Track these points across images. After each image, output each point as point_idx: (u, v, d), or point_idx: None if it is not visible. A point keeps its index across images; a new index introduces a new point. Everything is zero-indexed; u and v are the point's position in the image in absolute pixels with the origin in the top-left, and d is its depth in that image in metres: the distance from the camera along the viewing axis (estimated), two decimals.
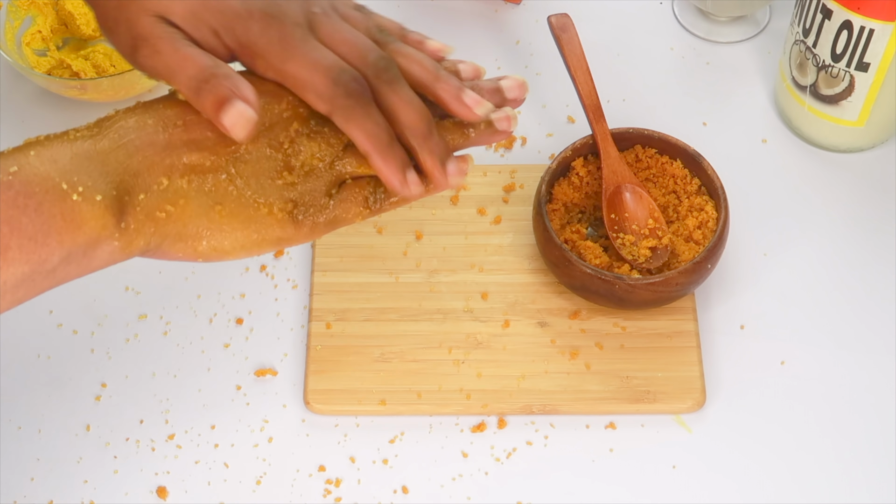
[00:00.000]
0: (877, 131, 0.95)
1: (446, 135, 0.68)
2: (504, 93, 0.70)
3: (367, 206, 0.68)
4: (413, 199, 0.68)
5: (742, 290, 0.90)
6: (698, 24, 1.04)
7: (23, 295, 0.61)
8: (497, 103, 0.70)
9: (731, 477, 0.82)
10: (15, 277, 0.59)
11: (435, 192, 0.68)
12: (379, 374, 0.85)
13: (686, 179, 0.89)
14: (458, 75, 0.71)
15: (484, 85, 0.70)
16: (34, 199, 0.59)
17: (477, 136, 0.69)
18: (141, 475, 0.83)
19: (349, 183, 0.67)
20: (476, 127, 0.69)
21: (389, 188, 0.66)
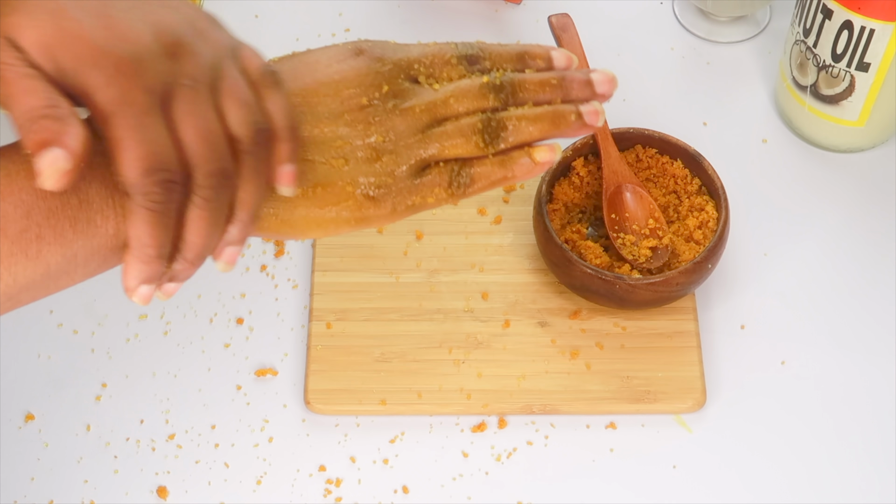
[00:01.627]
0: (877, 131, 0.95)
1: (535, 123, 0.66)
2: (595, 86, 0.69)
3: (449, 190, 0.66)
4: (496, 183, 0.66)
5: (742, 290, 0.90)
6: (699, 24, 1.04)
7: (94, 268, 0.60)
8: (586, 96, 0.68)
9: (731, 477, 0.82)
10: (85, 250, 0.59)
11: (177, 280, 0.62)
12: (379, 374, 0.85)
13: (686, 179, 0.89)
14: (549, 62, 0.69)
15: (575, 76, 0.68)
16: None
17: (566, 128, 0.67)
18: (141, 475, 0.83)
19: (433, 166, 0.65)
20: (566, 118, 0.67)
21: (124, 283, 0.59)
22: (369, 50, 0.66)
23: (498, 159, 0.66)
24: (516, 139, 0.66)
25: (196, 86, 0.58)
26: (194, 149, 0.57)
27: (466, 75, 0.67)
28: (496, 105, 0.66)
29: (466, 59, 0.67)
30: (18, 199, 0.57)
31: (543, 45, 0.70)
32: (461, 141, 0.65)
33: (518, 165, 0.66)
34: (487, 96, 0.66)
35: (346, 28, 1.05)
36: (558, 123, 0.67)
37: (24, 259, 0.57)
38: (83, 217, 0.58)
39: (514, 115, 0.66)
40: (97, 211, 0.58)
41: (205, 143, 0.57)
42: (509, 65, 0.68)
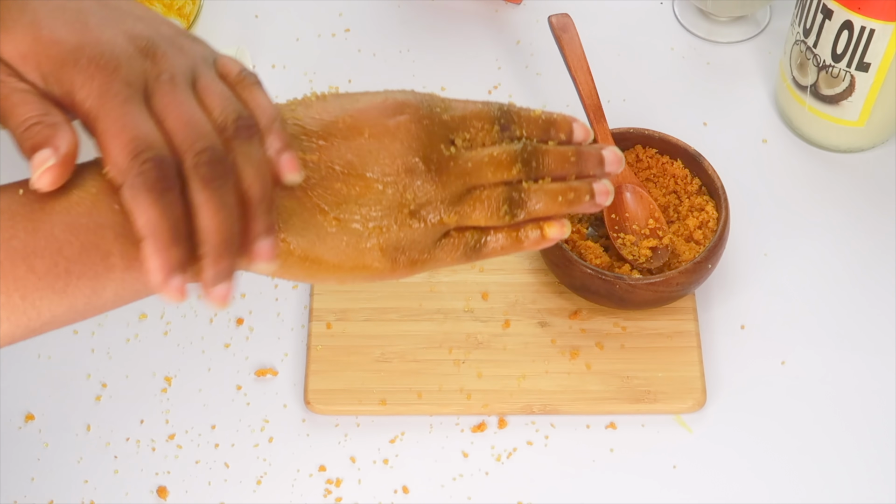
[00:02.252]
0: (877, 131, 0.95)
1: (554, 201, 0.67)
2: (605, 165, 0.70)
3: (464, 256, 0.67)
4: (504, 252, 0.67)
5: (742, 290, 0.90)
6: (699, 24, 1.04)
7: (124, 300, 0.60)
8: (598, 174, 0.69)
9: (731, 477, 0.82)
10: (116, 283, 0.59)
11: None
12: (379, 374, 0.85)
13: (686, 179, 0.89)
14: (571, 135, 0.69)
15: (591, 153, 0.69)
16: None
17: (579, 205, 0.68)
18: (141, 475, 0.83)
19: (453, 233, 0.66)
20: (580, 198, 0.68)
21: (150, 282, 0.58)
22: (415, 108, 0.65)
23: (513, 232, 0.67)
24: (534, 213, 0.67)
25: (174, 80, 0.59)
26: (180, 133, 0.58)
27: (498, 141, 0.67)
28: (519, 177, 0.67)
29: (500, 125, 0.68)
30: (50, 235, 0.57)
31: (566, 116, 0.70)
32: (487, 213, 0.66)
33: (529, 240, 0.68)
34: (514, 168, 0.67)
35: (346, 28, 1.05)
36: (573, 202, 0.68)
37: (51, 294, 0.57)
38: (117, 250, 0.58)
39: (537, 190, 0.67)
40: (134, 243, 0.58)
41: (188, 127, 0.58)
42: (536, 133, 0.69)
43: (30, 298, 0.57)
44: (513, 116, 0.68)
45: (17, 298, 0.57)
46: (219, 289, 0.59)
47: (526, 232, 0.67)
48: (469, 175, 0.65)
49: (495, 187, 0.66)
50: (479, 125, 0.67)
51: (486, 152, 0.66)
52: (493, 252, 0.67)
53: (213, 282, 0.59)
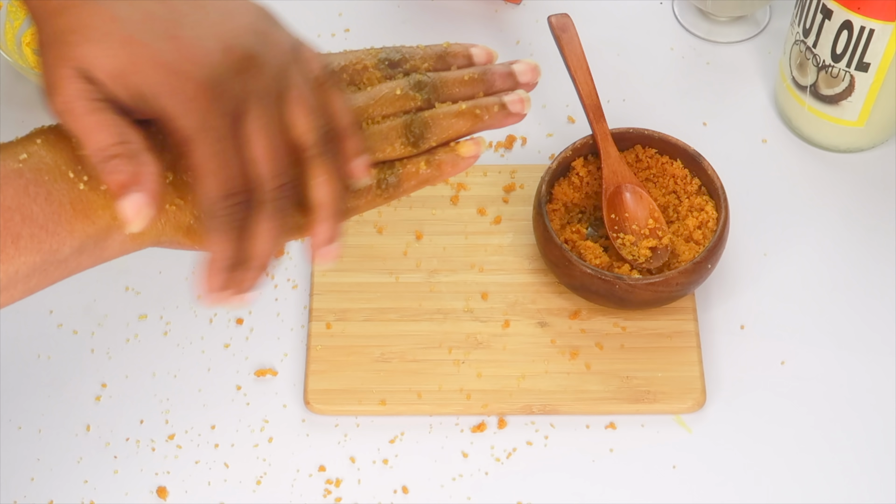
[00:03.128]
0: (877, 131, 0.95)
1: (458, 118, 0.67)
2: (517, 77, 0.70)
3: (378, 192, 0.67)
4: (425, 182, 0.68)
5: (742, 290, 0.90)
6: (698, 24, 1.04)
7: (35, 284, 0.60)
8: (510, 87, 0.69)
9: (731, 477, 0.82)
10: (27, 266, 0.59)
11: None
12: (379, 374, 0.85)
13: (686, 179, 0.89)
14: (470, 59, 0.70)
15: (496, 69, 0.69)
16: (44, 188, 0.59)
17: (490, 119, 0.68)
18: (141, 475, 0.83)
19: None
20: (489, 110, 0.68)
21: (202, 291, 0.62)
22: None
23: (424, 158, 0.67)
24: (441, 136, 0.67)
25: (265, 100, 0.60)
26: (264, 164, 0.60)
27: (388, 78, 0.68)
28: (420, 105, 0.67)
29: (388, 64, 0.68)
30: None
31: (463, 44, 0.71)
32: (386, 142, 0.66)
33: (444, 162, 0.68)
34: (409, 97, 0.67)
35: (345, 28, 1.05)
36: (481, 115, 0.68)
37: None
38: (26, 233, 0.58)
39: (436, 112, 0.67)
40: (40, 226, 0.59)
41: (274, 161, 0.60)
42: (430, 65, 0.69)
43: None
44: (401, 54, 0.68)
45: None
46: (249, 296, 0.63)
47: (437, 156, 0.67)
48: (360, 112, 0.66)
49: (393, 118, 0.67)
50: (360, 67, 0.68)
51: (374, 89, 0.67)
52: (412, 184, 0.67)
53: (243, 289, 0.63)
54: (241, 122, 0.60)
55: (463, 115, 0.68)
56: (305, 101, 0.62)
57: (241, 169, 0.60)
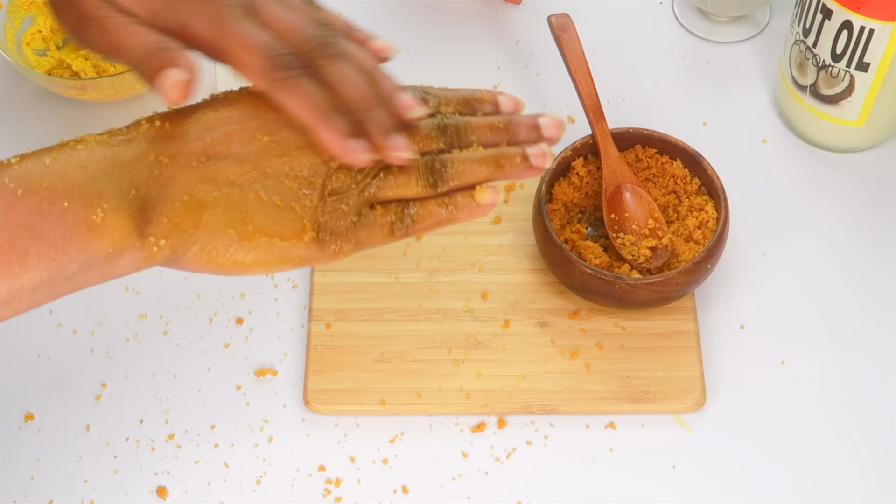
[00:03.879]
0: (877, 131, 0.95)
1: (480, 165, 0.67)
2: (542, 130, 0.70)
3: (392, 232, 0.67)
4: (439, 224, 0.67)
5: (742, 290, 0.90)
6: (698, 24, 1.04)
7: (40, 299, 0.61)
8: (533, 139, 0.69)
9: (730, 477, 0.82)
10: (32, 282, 0.59)
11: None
12: (379, 374, 0.85)
13: (686, 179, 0.89)
14: (497, 107, 0.70)
15: (522, 120, 0.69)
16: (58, 206, 0.59)
17: (510, 169, 0.68)
18: (141, 475, 0.83)
19: (376, 207, 0.66)
20: (511, 160, 0.68)
21: (333, 154, 0.64)
22: None
23: (441, 201, 0.67)
24: (461, 180, 0.67)
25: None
26: (292, 30, 0.64)
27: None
28: (442, 147, 0.67)
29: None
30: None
31: (491, 91, 0.71)
32: (405, 181, 0.66)
33: (460, 206, 0.67)
34: (433, 138, 0.67)
35: None
36: (503, 165, 0.68)
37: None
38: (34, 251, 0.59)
39: (459, 157, 0.67)
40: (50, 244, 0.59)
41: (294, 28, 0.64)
42: (457, 108, 0.69)
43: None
44: (426, 93, 0.69)
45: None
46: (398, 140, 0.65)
47: (455, 200, 0.67)
48: None
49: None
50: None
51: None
52: (426, 224, 0.67)
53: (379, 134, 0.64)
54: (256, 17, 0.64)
55: (485, 162, 0.67)
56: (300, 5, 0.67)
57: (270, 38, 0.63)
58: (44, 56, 1.00)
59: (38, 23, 1.00)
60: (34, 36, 1.00)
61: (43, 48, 1.00)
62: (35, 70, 0.98)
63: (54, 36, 1.01)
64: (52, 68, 0.99)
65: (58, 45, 1.01)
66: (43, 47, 1.00)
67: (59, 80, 0.96)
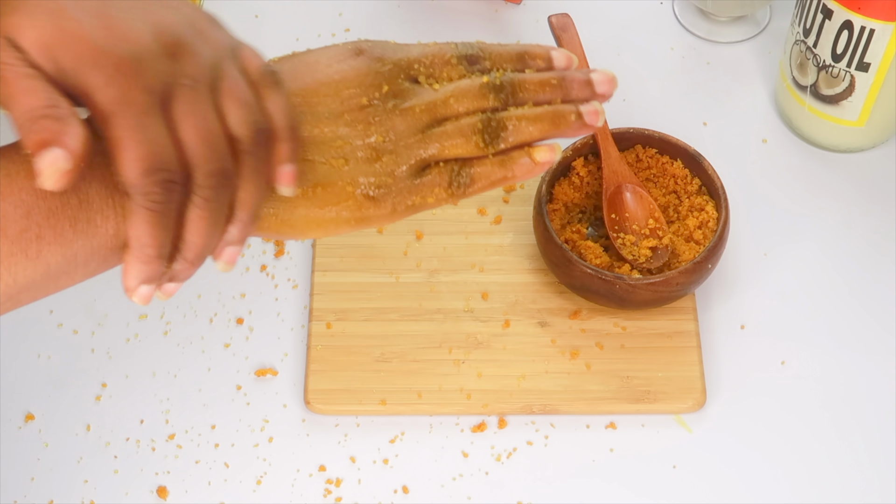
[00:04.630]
0: (877, 131, 0.95)
1: (535, 123, 0.66)
2: (595, 86, 0.69)
3: (449, 190, 0.66)
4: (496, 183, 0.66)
5: (742, 290, 0.90)
6: (698, 24, 1.04)
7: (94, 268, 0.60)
8: (586, 96, 0.68)
9: (731, 477, 0.82)
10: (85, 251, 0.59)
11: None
12: (379, 374, 0.85)
13: (686, 179, 0.89)
14: (549, 63, 0.69)
15: (575, 77, 0.68)
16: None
17: (565, 127, 0.67)
18: (141, 475, 0.83)
19: (433, 166, 0.65)
20: (566, 118, 0.67)
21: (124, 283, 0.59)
22: (369, 50, 0.66)
23: (498, 159, 0.66)
24: (516, 139, 0.66)
25: (196, 86, 0.58)
26: (194, 149, 0.57)
27: (467, 75, 0.67)
28: (496, 105, 0.66)
29: (466, 59, 0.67)
30: (18, 200, 0.57)
31: (543, 45, 0.70)
32: (461, 141, 0.65)
33: (518, 165, 0.66)
34: (487, 96, 0.66)
35: (346, 28, 1.05)
36: (558, 123, 0.67)
37: (24, 259, 0.57)
38: (83, 217, 0.58)
39: (514, 114, 0.66)
40: (97, 211, 0.58)
41: (205, 143, 0.57)
42: (509, 65, 0.68)
43: (5, 264, 0.57)
44: (479, 50, 0.68)
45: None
46: (171, 287, 0.61)
47: (512, 158, 0.66)
48: (436, 107, 0.65)
49: (469, 116, 0.66)
50: (441, 61, 0.67)
51: (452, 85, 0.66)
52: (482, 184, 0.66)
53: (174, 279, 0.60)
54: (169, 106, 0.57)
55: (540, 120, 0.67)
56: (239, 93, 0.60)
57: (166, 148, 0.56)
58: None
59: None
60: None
61: None
62: None
63: None
64: None
65: None
66: None
67: None
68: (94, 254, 0.59)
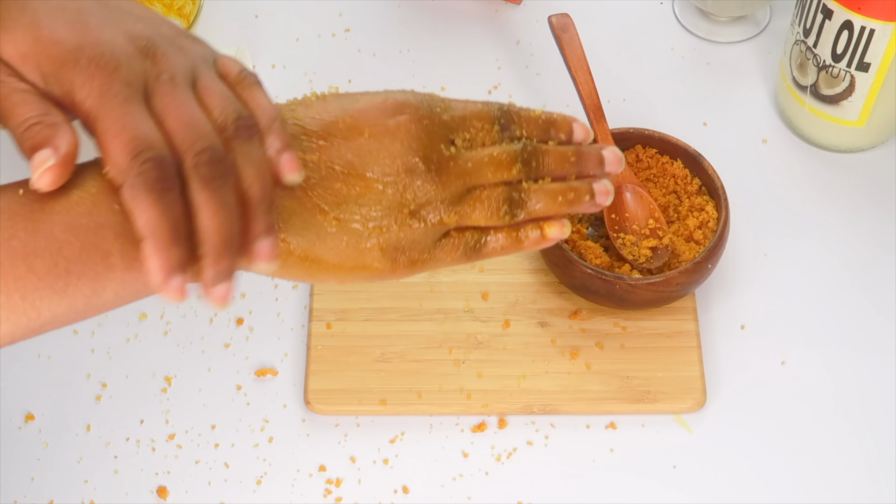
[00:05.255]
0: (877, 131, 0.95)
1: (554, 201, 0.67)
2: (605, 165, 0.70)
3: (464, 256, 0.67)
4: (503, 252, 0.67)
5: (742, 290, 0.90)
6: (699, 24, 1.04)
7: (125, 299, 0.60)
8: (598, 174, 0.69)
9: (731, 477, 0.82)
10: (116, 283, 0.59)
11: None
12: (379, 374, 0.85)
13: (686, 179, 0.89)
14: (571, 136, 0.69)
15: (591, 154, 0.69)
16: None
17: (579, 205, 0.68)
18: (141, 475, 0.83)
19: (453, 233, 0.66)
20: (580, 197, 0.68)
21: (150, 281, 0.58)
22: (414, 109, 0.65)
23: (513, 232, 0.67)
24: (533, 213, 0.67)
25: (174, 79, 0.59)
26: (180, 133, 0.57)
27: (498, 140, 0.67)
28: (521, 177, 0.67)
29: (500, 125, 0.68)
30: (50, 235, 0.57)
31: (566, 116, 0.70)
32: (487, 213, 0.66)
33: (529, 239, 0.68)
34: (514, 168, 0.67)
35: (346, 28, 1.05)
36: (573, 202, 0.68)
37: (51, 294, 0.57)
38: (117, 250, 0.58)
39: (537, 189, 0.67)
40: (133, 243, 0.58)
41: (188, 127, 0.58)
42: (536, 133, 0.69)
43: (30, 298, 0.57)
44: (513, 116, 0.68)
45: (17, 298, 0.57)
46: (219, 289, 0.59)
47: (526, 232, 0.68)
48: (469, 175, 0.66)
49: (495, 187, 0.66)
50: (479, 125, 0.67)
51: (487, 152, 0.66)
52: (493, 252, 0.68)
53: (212, 282, 0.58)
54: (150, 101, 0.58)
55: (560, 195, 0.67)
56: (216, 89, 0.60)
57: (150, 131, 0.57)
58: None
59: None
60: None
61: None
62: None
63: None
64: None
65: None
66: None
67: None
68: (125, 285, 0.59)
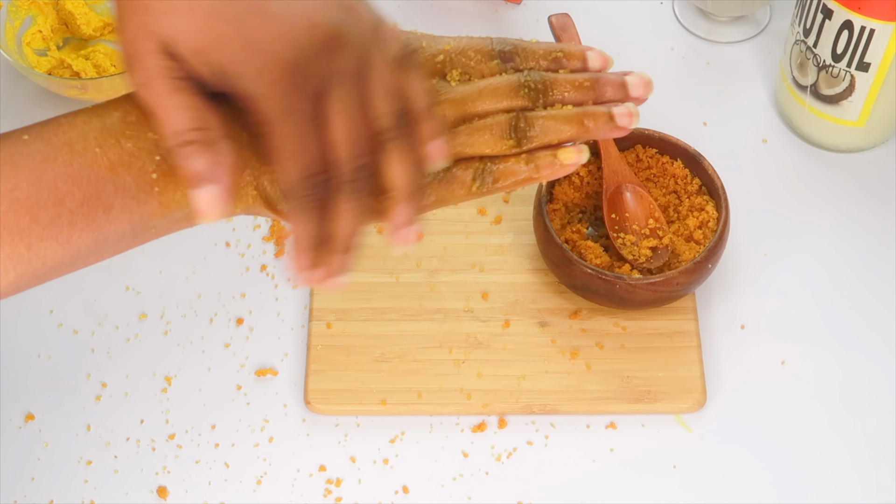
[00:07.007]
0: (877, 131, 0.95)
1: (565, 124, 0.66)
2: (629, 89, 0.68)
3: (473, 187, 0.65)
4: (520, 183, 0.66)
5: (742, 290, 0.90)
6: (699, 24, 1.04)
7: (124, 247, 0.61)
8: (619, 98, 0.68)
9: (731, 477, 0.82)
10: (117, 234, 0.59)
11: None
12: (379, 374, 0.85)
13: (686, 179, 0.89)
14: (584, 62, 0.68)
15: (609, 79, 0.68)
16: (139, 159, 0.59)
17: (595, 129, 0.66)
18: (141, 475, 0.83)
19: (459, 162, 0.65)
20: (596, 120, 0.66)
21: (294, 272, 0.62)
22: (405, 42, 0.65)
23: (524, 158, 0.65)
24: (544, 139, 0.65)
25: (347, 81, 0.59)
26: (343, 147, 0.59)
27: (499, 72, 0.67)
28: (527, 104, 0.66)
29: (500, 56, 0.67)
30: (53, 186, 0.57)
31: (579, 45, 0.69)
32: (489, 139, 0.65)
33: (544, 165, 0.66)
34: (519, 95, 0.66)
35: None
36: (588, 125, 0.66)
37: (55, 244, 0.58)
38: (118, 204, 0.58)
39: (544, 115, 0.66)
40: (132, 197, 0.58)
41: (353, 142, 0.59)
42: (543, 63, 0.67)
43: (35, 248, 0.57)
44: (515, 48, 0.67)
45: (22, 249, 0.57)
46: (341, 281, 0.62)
47: (537, 157, 0.65)
48: (463, 104, 0.65)
49: (497, 115, 0.65)
50: (474, 57, 0.66)
51: (483, 83, 0.66)
52: (507, 183, 0.66)
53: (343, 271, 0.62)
54: (323, 103, 0.59)
55: (569, 121, 0.66)
56: (384, 83, 0.60)
57: (322, 150, 0.59)
58: (44, 56, 1.00)
59: (38, 23, 1.00)
60: (34, 36, 1.00)
61: (43, 48, 1.00)
62: (35, 70, 0.98)
63: (54, 36, 1.01)
64: (53, 68, 0.99)
65: (58, 44, 1.01)
66: (43, 47, 1.00)
67: (60, 80, 0.96)
68: (125, 235, 0.60)
